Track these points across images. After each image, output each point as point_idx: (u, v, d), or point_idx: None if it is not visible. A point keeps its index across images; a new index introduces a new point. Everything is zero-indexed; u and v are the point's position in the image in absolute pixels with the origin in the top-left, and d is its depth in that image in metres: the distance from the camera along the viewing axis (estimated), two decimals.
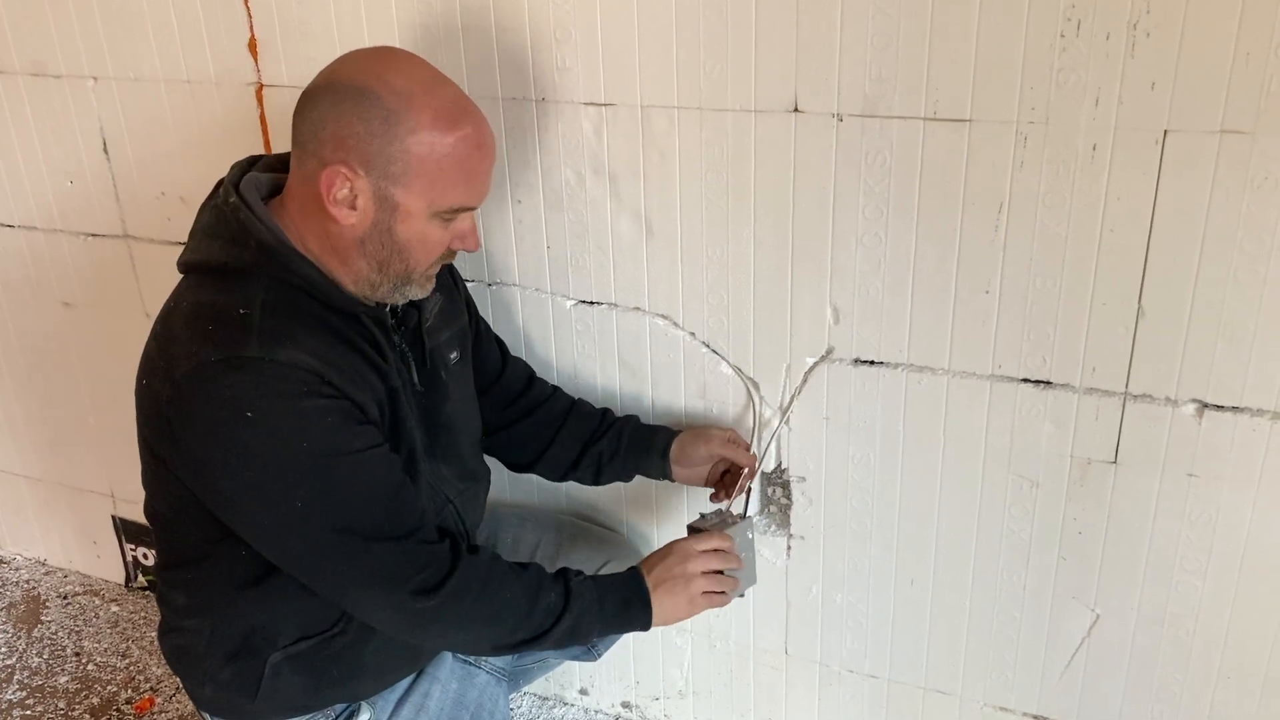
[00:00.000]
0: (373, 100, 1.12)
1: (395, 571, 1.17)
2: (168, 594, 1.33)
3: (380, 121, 1.12)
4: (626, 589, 1.31)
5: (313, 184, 1.16)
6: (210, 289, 1.18)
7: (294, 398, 1.12)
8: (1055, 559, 1.45)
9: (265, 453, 1.12)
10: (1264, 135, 1.15)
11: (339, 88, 1.14)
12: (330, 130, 1.14)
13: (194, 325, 1.14)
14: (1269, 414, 1.27)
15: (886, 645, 1.62)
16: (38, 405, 2.21)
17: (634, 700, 1.90)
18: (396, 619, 1.21)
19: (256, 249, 1.17)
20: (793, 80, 1.33)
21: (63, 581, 2.38)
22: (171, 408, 1.13)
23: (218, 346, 1.11)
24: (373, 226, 1.17)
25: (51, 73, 1.83)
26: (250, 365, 1.10)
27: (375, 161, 1.14)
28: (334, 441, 1.14)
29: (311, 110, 1.16)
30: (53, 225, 1.98)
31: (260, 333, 1.12)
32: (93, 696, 2.04)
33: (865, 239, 1.37)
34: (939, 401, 1.42)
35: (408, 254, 1.20)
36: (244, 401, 1.10)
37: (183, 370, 1.11)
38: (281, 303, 1.16)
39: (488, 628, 1.23)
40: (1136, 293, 1.27)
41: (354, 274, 1.21)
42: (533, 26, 1.44)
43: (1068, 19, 1.18)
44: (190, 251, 1.23)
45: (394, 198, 1.16)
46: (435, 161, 1.15)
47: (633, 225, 1.50)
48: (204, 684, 1.32)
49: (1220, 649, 1.41)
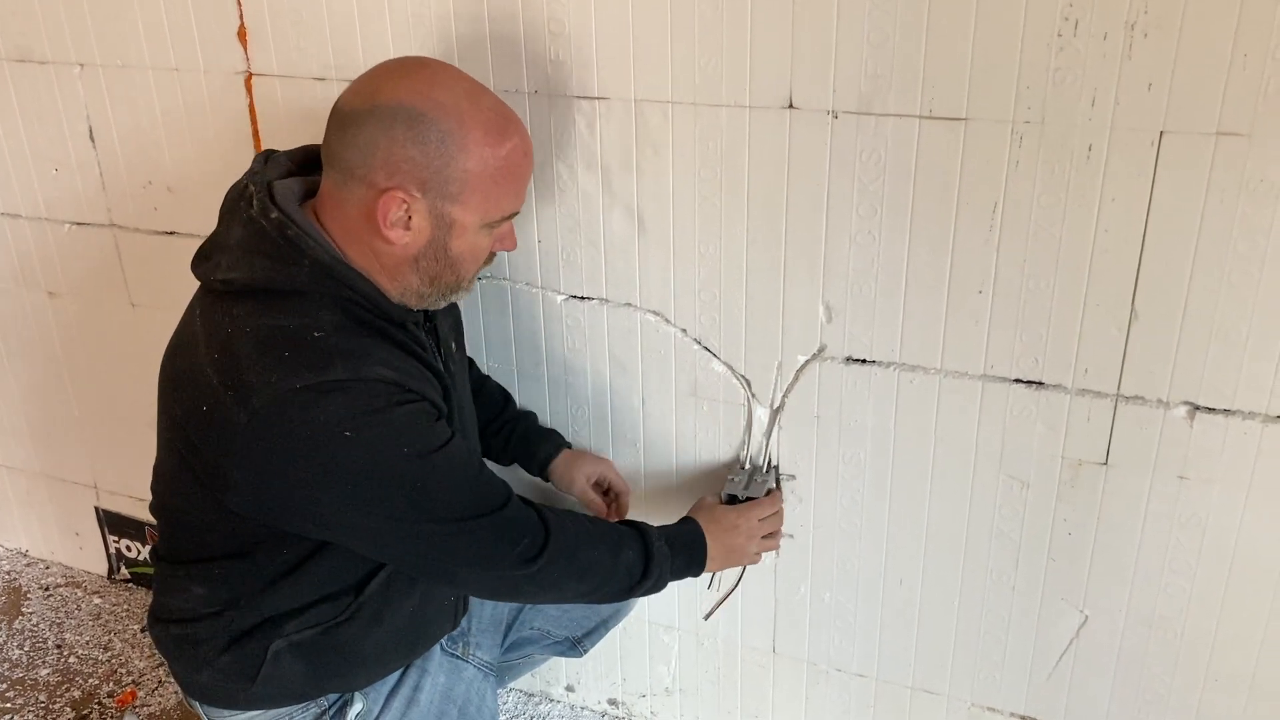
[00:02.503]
0: (425, 122, 1.13)
1: (498, 545, 1.23)
2: (179, 585, 1.32)
3: (437, 143, 1.14)
4: (694, 548, 1.41)
5: (362, 206, 1.16)
6: (272, 312, 1.15)
7: (385, 409, 1.15)
8: (1045, 560, 1.45)
9: (368, 467, 1.14)
10: (1260, 138, 1.14)
11: (386, 110, 1.13)
12: (382, 155, 1.14)
13: (267, 352, 1.13)
14: (1260, 417, 1.27)
15: (875, 644, 1.62)
16: (20, 394, 2.19)
17: (620, 697, 1.90)
18: (501, 587, 1.29)
19: (311, 268, 1.16)
20: (788, 76, 1.32)
21: (44, 573, 2.36)
22: (251, 435, 1.11)
23: (301, 373, 1.11)
24: (428, 244, 1.19)
25: (37, 59, 1.81)
26: (339, 388, 1.12)
27: (432, 183, 1.15)
28: (425, 442, 1.18)
29: (357, 134, 1.14)
30: (37, 213, 1.96)
31: (341, 354, 1.14)
32: (74, 689, 2.02)
33: (859, 237, 1.36)
34: (930, 401, 1.42)
35: (459, 266, 1.23)
36: (341, 423, 1.12)
37: (264, 399, 1.10)
38: (346, 320, 1.17)
39: (579, 583, 1.30)
40: (1130, 294, 1.27)
41: (401, 286, 1.23)
42: (525, 19, 1.42)
43: (1065, 18, 1.17)
44: (230, 270, 1.18)
45: (450, 215, 1.18)
46: (490, 175, 1.17)
47: (625, 220, 1.49)
48: (200, 670, 1.31)
49: (1208, 651, 1.41)
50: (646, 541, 1.35)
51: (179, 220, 1.82)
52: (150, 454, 1.32)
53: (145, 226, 1.86)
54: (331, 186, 1.19)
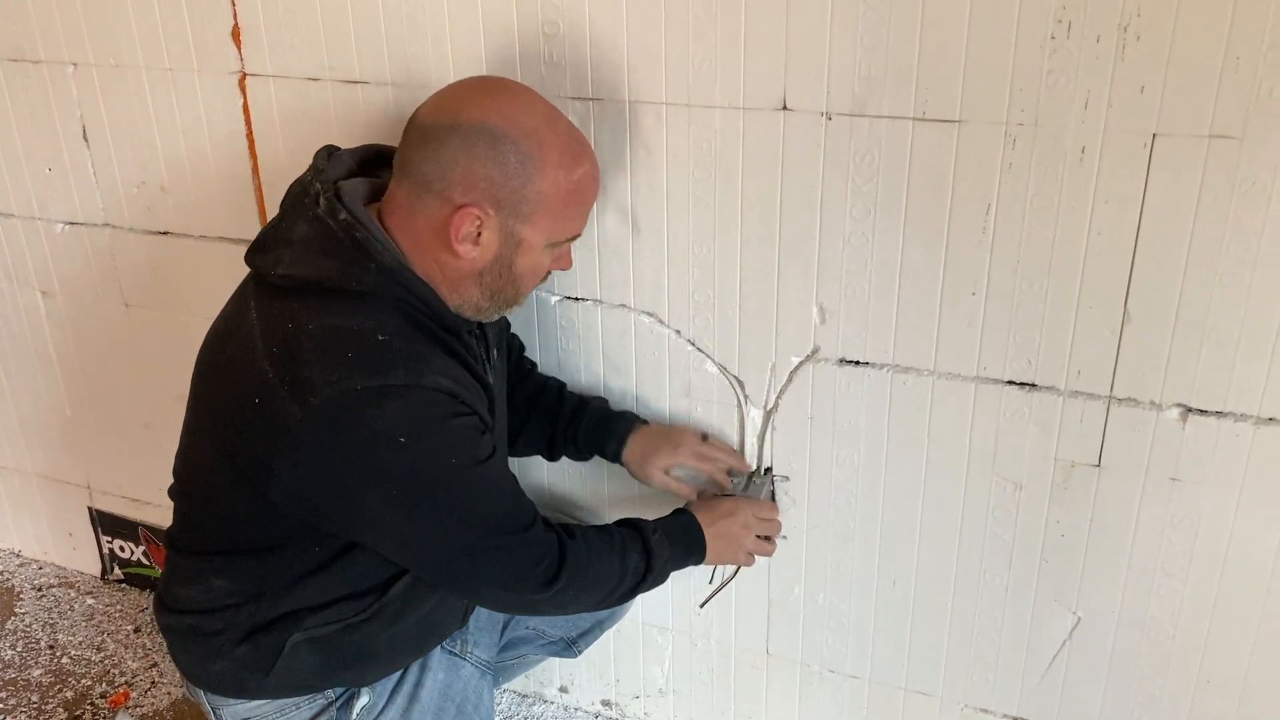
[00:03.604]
0: (507, 143, 1.16)
1: (523, 564, 1.26)
2: (198, 576, 1.32)
3: (516, 165, 1.16)
4: (690, 539, 1.42)
5: (435, 219, 1.19)
6: (335, 312, 1.17)
7: (441, 420, 1.17)
8: (1037, 561, 1.45)
9: (420, 473, 1.17)
10: (1252, 140, 1.15)
11: (469, 128, 1.16)
12: (461, 172, 1.16)
13: (330, 351, 1.14)
14: (1252, 419, 1.27)
15: (868, 646, 1.62)
16: (13, 394, 2.18)
17: (614, 698, 1.90)
18: (518, 605, 1.36)
19: (377, 271, 1.18)
20: (781, 78, 1.32)
21: (37, 573, 2.35)
22: (305, 431, 1.13)
23: (363, 375, 1.13)
24: (494, 260, 1.22)
25: (30, 58, 1.80)
26: (399, 393, 1.14)
27: (507, 202, 1.18)
28: (474, 454, 1.20)
29: (439, 150, 1.17)
30: (31, 213, 1.95)
31: (403, 360, 1.15)
32: (66, 690, 2.02)
33: (852, 239, 1.37)
34: (924, 403, 1.42)
35: (520, 282, 1.26)
36: (398, 428, 1.14)
37: (322, 396, 1.12)
38: (407, 325, 1.19)
39: (592, 595, 1.33)
40: (1123, 296, 1.27)
41: (462, 297, 1.25)
42: (520, 20, 1.42)
43: (1058, 21, 1.17)
44: (293, 266, 1.19)
45: (519, 234, 1.21)
46: (562, 198, 1.21)
47: (619, 221, 1.49)
48: (214, 659, 1.32)
49: (1200, 653, 1.41)
50: (645, 538, 1.37)
51: (173, 220, 1.82)
52: (144, 455, 1.32)
53: (139, 226, 1.86)
54: (404, 196, 1.21)
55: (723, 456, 1.53)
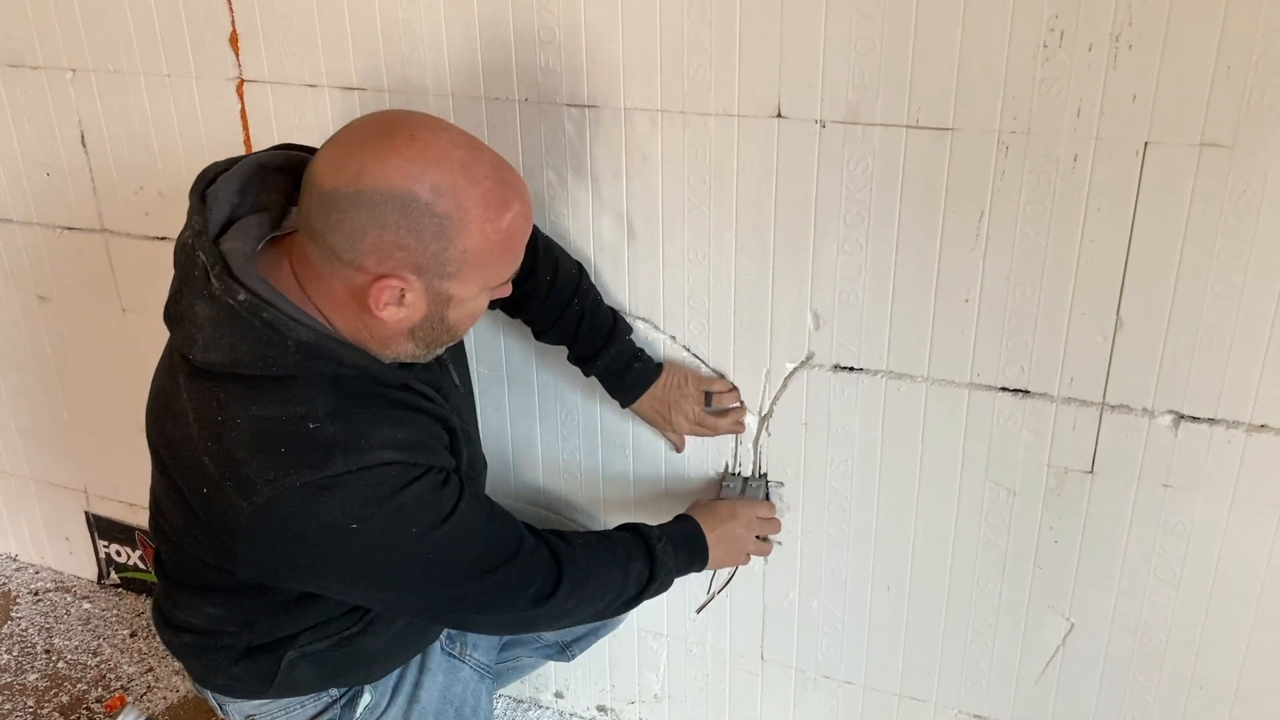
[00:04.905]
0: (418, 209, 1.04)
1: (511, 591, 1.22)
2: (190, 604, 1.31)
3: (433, 230, 1.05)
4: (694, 543, 1.42)
5: (350, 286, 1.09)
6: (262, 400, 1.08)
7: (390, 496, 1.10)
8: (1031, 567, 1.45)
9: (379, 553, 1.12)
10: (1243, 148, 1.15)
11: (373, 197, 1.03)
12: (371, 242, 1.05)
13: (261, 448, 1.07)
14: (1244, 426, 1.27)
15: (862, 651, 1.62)
16: (10, 399, 2.18)
17: (609, 704, 1.90)
18: (518, 626, 1.33)
19: (296, 350, 1.08)
20: (776, 85, 1.32)
21: (34, 578, 2.35)
22: (255, 526, 1.08)
23: (300, 471, 1.06)
24: (424, 319, 1.12)
25: (29, 64, 1.81)
26: (340, 483, 1.08)
27: (429, 266, 1.07)
28: (435, 516, 1.14)
29: (342, 219, 1.04)
30: (29, 218, 1.96)
31: (340, 446, 1.08)
32: (62, 694, 2.02)
33: (846, 245, 1.37)
34: (917, 408, 1.42)
35: (457, 328, 1.17)
36: (345, 517, 1.08)
37: (264, 496, 1.06)
38: (342, 403, 1.10)
39: (592, 605, 1.31)
40: (1115, 303, 1.27)
41: (395, 351, 1.16)
42: (516, 27, 1.43)
43: (1050, 30, 1.18)
44: (208, 350, 1.09)
45: (448, 291, 1.11)
46: (491, 250, 1.10)
47: (614, 227, 1.50)
48: (216, 675, 1.32)
49: (1193, 658, 1.42)
50: (649, 545, 1.35)
51: (170, 225, 1.83)
52: (141, 459, 1.31)
53: (136, 231, 1.86)
54: (314, 258, 1.09)
55: (724, 424, 1.54)
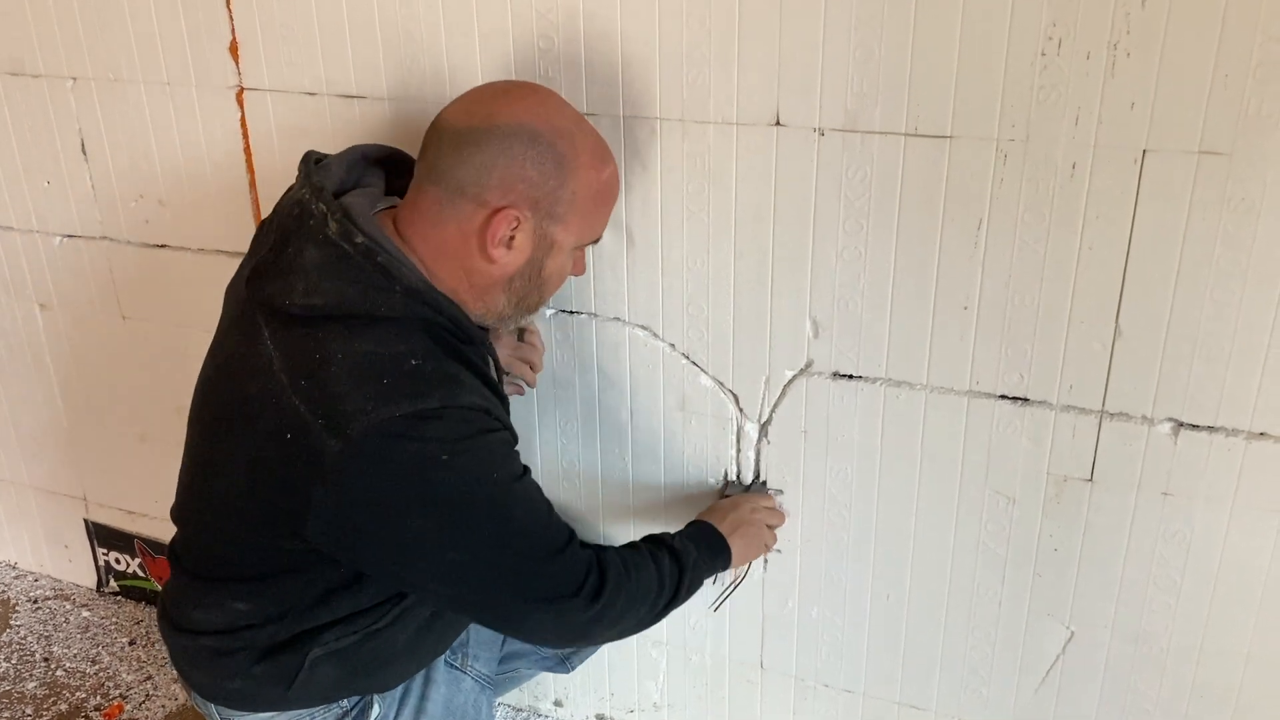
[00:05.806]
0: (543, 144, 1.16)
1: (563, 585, 1.22)
2: (214, 601, 1.29)
3: (553, 165, 1.17)
4: (712, 539, 1.43)
5: (468, 224, 1.17)
6: (364, 338, 1.13)
7: (479, 435, 1.15)
8: (1031, 575, 1.45)
9: (460, 492, 1.15)
10: (1241, 156, 1.15)
11: (505, 131, 1.15)
12: (499, 174, 1.15)
13: (362, 381, 1.11)
14: (1244, 434, 1.27)
15: (862, 660, 1.62)
16: (10, 406, 2.18)
17: (608, 713, 1.89)
18: (564, 630, 1.28)
19: (404, 294, 1.15)
20: (774, 94, 1.33)
21: (33, 585, 2.35)
22: (345, 463, 1.09)
23: (400, 402, 1.10)
24: (526, 264, 1.22)
25: (30, 72, 1.81)
26: (436, 415, 1.12)
27: (544, 203, 1.18)
28: (511, 470, 1.19)
29: (475, 153, 1.15)
30: (29, 226, 1.96)
31: (438, 382, 1.14)
32: (61, 703, 2.01)
33: (845, 253, 1.37)
34: (916, 416, 1.42)
35: (545, 287, 1.26)
36: (439, 448, 1.12)
37: (361, 427, 1.09)
38: (437, 348, 1.17)
39: (636, 608, 1.30)
40: (1114, 311, 1.27)
41: (486, 306, 1.24)
42: (515, 35, 1.43)
43: (1049, 37, 1.18)
44: (310, 294, 1.14)
45: (552, 235, 1.21)
46: (593, 199, 1.22)
47: (613, 235, 1.50)
48: (232, 678, 1.30)
49: (1193, 666, 1.41)
50: (668, 544, 1.37)
51: (170, 233, 1.83)
52: (141, 467, 1.32)
53: (137, 239, 1.86)
54: (429, 203, 1.19)
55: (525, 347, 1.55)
